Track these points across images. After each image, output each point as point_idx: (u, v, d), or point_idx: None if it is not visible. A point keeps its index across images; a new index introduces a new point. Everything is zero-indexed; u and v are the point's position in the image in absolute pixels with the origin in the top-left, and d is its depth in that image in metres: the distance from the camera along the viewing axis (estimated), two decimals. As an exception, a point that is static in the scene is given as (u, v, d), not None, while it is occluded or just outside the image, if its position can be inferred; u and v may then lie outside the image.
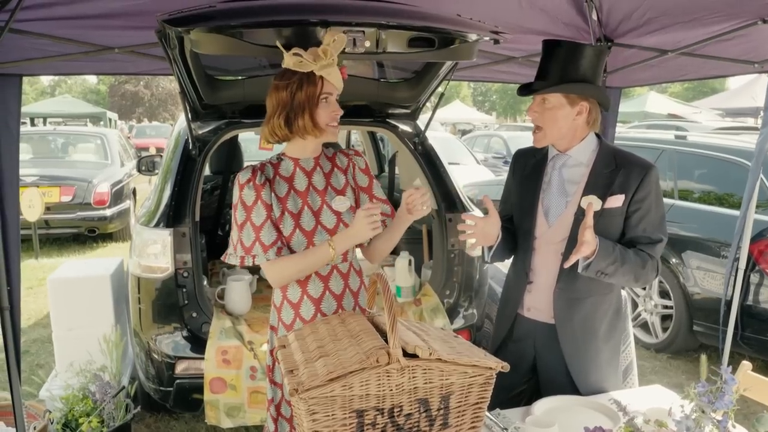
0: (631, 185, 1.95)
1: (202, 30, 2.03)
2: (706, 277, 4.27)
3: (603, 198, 1.94)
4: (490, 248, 2.05)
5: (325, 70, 1.83)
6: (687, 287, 4.37)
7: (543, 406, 1.90)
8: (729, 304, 3.24)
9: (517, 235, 2.12)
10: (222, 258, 1.95)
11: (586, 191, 1.97)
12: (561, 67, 1.95)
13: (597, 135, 2.06)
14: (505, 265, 3.78)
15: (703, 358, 1.44)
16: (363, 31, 2.09)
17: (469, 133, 18.31)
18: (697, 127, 10.30)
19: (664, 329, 4.65)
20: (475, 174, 9.63)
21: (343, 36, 1.85)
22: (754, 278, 3.89)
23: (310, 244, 1.89)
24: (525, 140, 14.11)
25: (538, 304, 2.08)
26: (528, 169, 2.14)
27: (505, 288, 2.24)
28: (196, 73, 2.76)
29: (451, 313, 3.31)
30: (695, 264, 4.33)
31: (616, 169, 1.97)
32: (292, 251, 1.89)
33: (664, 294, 4.65)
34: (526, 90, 2.02)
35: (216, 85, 3.14)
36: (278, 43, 1.88)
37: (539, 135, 2.01)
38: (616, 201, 1.95)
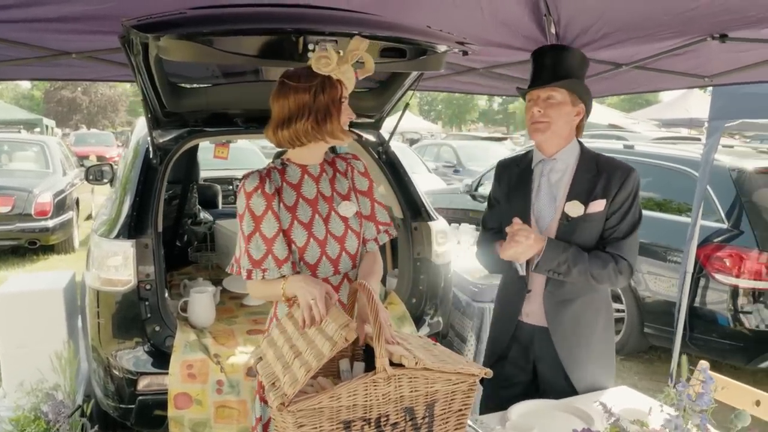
0: (611, 189, 1.99)
1: (172, 37, 1.98)
2: (656, 281, 4.45)
3: (585, 203, 1.99)
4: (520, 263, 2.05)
5: (343, 74, 1.77)
6: (638, 291, 4.54)
7: (518, 410, 1.93)
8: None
9: None
10: (227, 269, 1.86)
11: (570, 196, 2.01)
12: (563, 66, 2.00)
13: (579, 141, 2.11)
14: (466, 271, 3.85)
15: (684, 358, 1.50)
16: (336, 41, 2.08)
17: (418, 143, 18.42)
18: (636, 136, 10.73)
19: (617, 332, 4.81)
20: (427, 183, 9.70)
21: (366, 42, 1.78)
22: (702, 281, 4.09)
23: (323, 254, 1.83)
24: (474, 149, 14.30)
25: (535, 308, 2.11)
26: (514, 179, 2.16)
27: (502, 297, 2.25)
28: (159, 81, 2.69)
29: (417, 321, 3.33)
30: (645, 268, 4.50)
31: (598, 174, 2.02)
32: (306, 263, 1.83)
33: (615, 298, 4.81)
34: (537, 83, 2.01)
35: (179, 93, 3.07)
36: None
37: (543, 127, 2.00)
38: (598, 206, 1.99)
